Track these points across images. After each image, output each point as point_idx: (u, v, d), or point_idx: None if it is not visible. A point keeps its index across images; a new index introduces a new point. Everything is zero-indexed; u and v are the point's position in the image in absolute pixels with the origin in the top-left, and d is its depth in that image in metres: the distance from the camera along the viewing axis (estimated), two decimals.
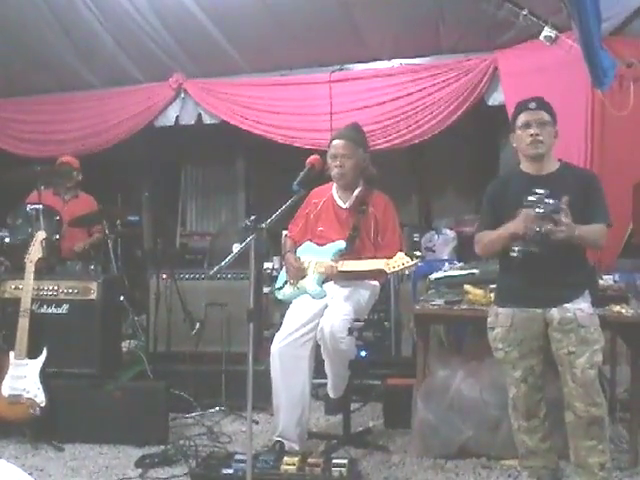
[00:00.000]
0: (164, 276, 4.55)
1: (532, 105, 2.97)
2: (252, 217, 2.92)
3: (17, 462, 3.53)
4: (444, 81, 5.14)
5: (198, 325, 4.43)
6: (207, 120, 5.92)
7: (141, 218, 6.46)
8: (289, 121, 5.61)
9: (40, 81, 6.11)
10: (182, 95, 5.90)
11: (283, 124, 5.62)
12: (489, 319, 3.07)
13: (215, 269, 2.82)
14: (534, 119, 2.94)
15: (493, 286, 3.32)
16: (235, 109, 5.71)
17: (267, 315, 5.04)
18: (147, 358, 4.38)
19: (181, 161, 7.66)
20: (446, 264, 4.39)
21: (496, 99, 5.04)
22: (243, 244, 2.89)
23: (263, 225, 2.93)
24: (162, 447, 3.65)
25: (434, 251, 5.65)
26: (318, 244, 3.69)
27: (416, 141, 5.34)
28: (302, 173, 3.26)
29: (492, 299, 3.25)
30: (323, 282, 3.60)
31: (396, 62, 5.37)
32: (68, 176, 4.97)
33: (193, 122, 5.96)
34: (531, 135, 2.92)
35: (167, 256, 5.97)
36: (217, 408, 4.31)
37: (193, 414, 4.23)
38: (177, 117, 5.96)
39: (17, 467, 1.04)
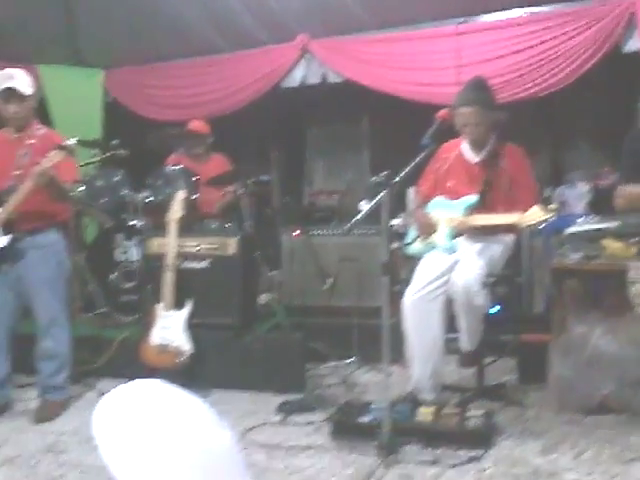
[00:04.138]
0: (296, 233, 4.68)
1: None
2: (384, 173, 2.95)
3: None
4: (575, 29, 4.91)
5: (330, 280, 4.55)
6: (332, 79, 5.96)
7: (271, 177, 6.64)
8: (415, 76, 5.56)
9: (173, 47, 6.36)
10: (307, 55, 5.97)
11: (409, 79, 5.57)
12: (631, 273, 2.97)
13: (350, 224, 2.90)
14: None
15: (635, 239, 3.21)
16: (360, 67, 5.71)
17: (395, 271, 5.09)
18: (282, 312, 4.55)
19: (306, 121, 7.76)
20: (581, 218, 4.25)
21: (632, 47, 4.76)
22: (376, 199, 2.94)
23: (395, 180, 2.96)
24: (300, 395, 3.82)
25: (567, 205, 5.48)
26: (449, 199, 3.68)
27: (545, 93, 5.16)
28: (432, 127, 3.25)
29: (634, 253, 3.14)
30: (454, 237, 3.59)
31: (524, 11, 5.18)
32: (198, 141, 5.16)
33: (318, 82, 6.02)
34: None
35: (298, 214, 6.15)
36: (350, 360, 4.43)
37: (327, 365, 4.38)
38: (302, 77, 6.04)
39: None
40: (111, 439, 0.97)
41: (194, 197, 4.64)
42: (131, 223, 4.82)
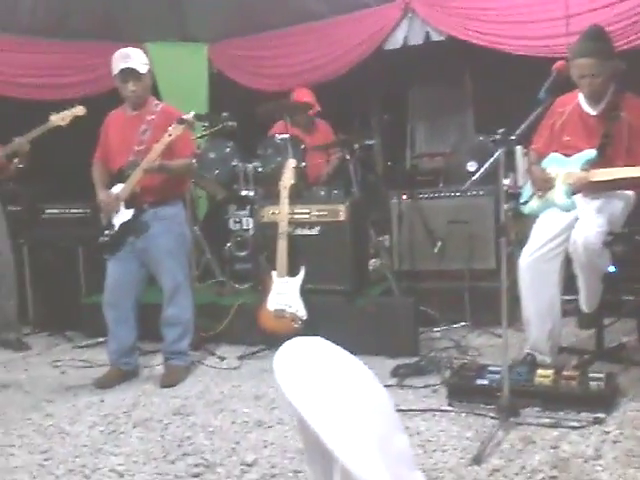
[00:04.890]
0: (404, 197, 4.65)
1: None
2: (500, 130, 2.88)
3: None
4: None
5: (440, 243, 4.52)
6: (435, 38, 5.83)
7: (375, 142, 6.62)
8: (522, 30, 5.35)
9: (274, 17, 6.40)
10: (409, 15, 5.86)
11: (516, 33, 5.38)
12: None
13: (467, 184, 2.84)
14: None
15: None
16: (464, 23, 5.55)
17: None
18: (392, 276, 4.56)
19: (408, 83, 7.65)
20: None
21: None
22: (493, 157, 2.88)
23: (512, 137, 2.88)
24: (414, 359, 3.83)
25: None
26: (565, 155, 3.55)
27: None
28: (548, 80, 3.13)
29: None
30: (572, 194, 3.47)
31: None
32: (304, 109, 5.19)
33: (421, 42, 5.91)
34: None
35: (400, 177, 6.11)
36: (462, 323, 4.41)
37: (439, 328, 4.37)
38: (404, 38, 5.94)
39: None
40: (295, 382, 1.04)
41: (303, 165, 4.69)
42: (243, 193, 4.92)
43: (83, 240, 4.85)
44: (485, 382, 3.23)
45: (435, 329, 4.38)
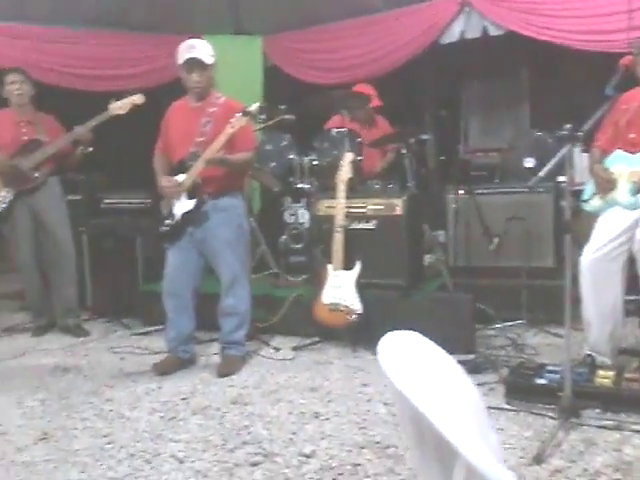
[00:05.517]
0: (461, 192, 4.62)
1: None
2: (567, 125, 2.83)
3: (339, 362, 3.93)
4: None
5: (497, 240, 4.47)
6: (493, 32, 5.76)
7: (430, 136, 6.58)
8: (584, 24, 5.24)
9: (329, 10, 6.40)
10: (466, 9, 5.80)
11: (577, 28, 5.27)
12: None
13: (534, 181, 2.80)
14: None
15: None
16: (525, 17, 5.46)
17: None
18: (446, 272, 4.53)
19: (462, 77, 7.58)
20: None
21: None
22: (559, 154, 2.83)
23: (580, 133, 2.84)
24: (470, 356, 3.80)
25: None
26: (630, 152, 3.47)
27: None
28: (615, 76, 3.07)
29: None
30: (636, 193, 3.40)
31: None
32: (363, 103, 5.18)
33: (478, 36, 5.84)
34: None
35: (457, 172, 6.05)
36: (518, 321, 4.35)
37: (495, 326, 4.33)
38: (461, 32, 5.87)
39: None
40: (409, 376, 1.05)
41: (359, 159, 4.68)
42: (298, 186, 4.94)
43: (141, 230, 4.94)
44: (544, 381, 3.19)
45: (490, 327, 4.34)
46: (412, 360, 1.10)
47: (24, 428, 3.17)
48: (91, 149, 4.58)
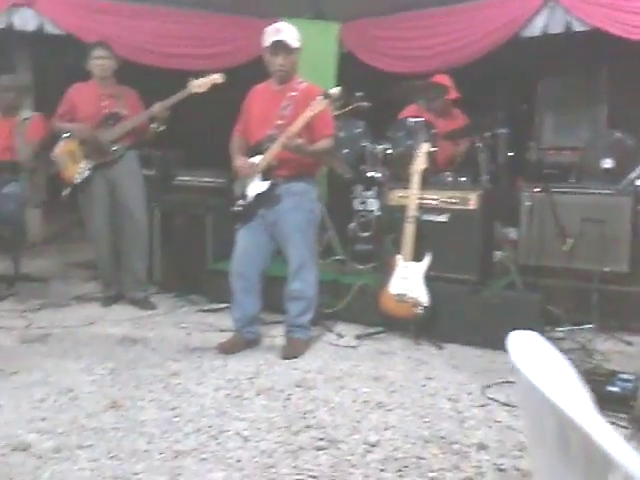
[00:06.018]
0: (537, 189, 4.51)
1: None
2: None
3: (403, 354, 3.90)
4: None
5: (571, 241, 4.36)
6: (577, 28, 5.61)
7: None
8: None
9: None
10: (550, 3, 5.65)
11: None
12: None
13: (625, 183, 2.71)
14: None
15: None
16: (612, 15, 5.30)
17: None
18: (515, 270, 4.44)
19: (538, 73, 7.40)
20: None
21: None
22: None
23: None
24: None
25: None
26: None
27: None
28: None
29: None
30: None
31: None
32: (441, 94, 5.11)
33: (561, 31, 5.70)
34: None
35: (529, 169, 5.93)
36: (587, 325, 4.24)
37: (562, 329, 4.23)
38: (544, 27, 5.73)
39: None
40: (550, 379, 1.03)
41: (434, 150, 4.62)
42: (369, 174, 4.91)
43: (213, 208, 4.98)
44: (616, 389, 3.10)
45: (558, 329, 4.24)
46: (547, 363, 1.07)
47: (94, 395, 3.25)
48: (164, 127, 4.63)
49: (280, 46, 3.67)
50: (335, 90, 3.64)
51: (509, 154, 6.82)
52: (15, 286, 5.03)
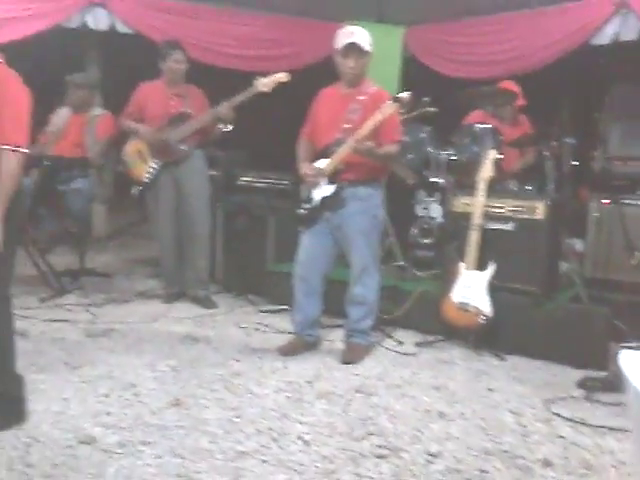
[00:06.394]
0: (606, 200, 4.41)
1: None
2: None
3: (463, 363, 3.85)
4: None
5: (639, 254, 4.24)
6: None
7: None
8: None
9: (477, 3, 6.25)
10: (622, 10, 5.51)
11: None
12: None
13: None
14: None
15: None
16: None
17: None
18: (580, 282, 4.34)
19: (608, 80, 7.23)
20: None
21: None
22: None
23: None
24: (602, 372, 3.64)
25: None
26: None
27: None
28: None
29: None
30: None
31: None
32: (508, 100, 5.04)
33: (634, 38, 5.55)
34: None
35: (595, 179, 5.78)
36: None
37: (627, 344, 4.12)
38: (614, 34, 5.60)
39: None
40: None
41: (500, 157, 4.55)
42: (433, 180, 4.87)
43: (275, 209, 5.01)
44: None
45: (623, 344, 4.13)
46: None
47: (157, 392, 3.29)
48: (231, 127, 4.68)
49: (353, 48, 3.66)
50: (405, 94, 3.62)
51: (573, 163, 6.70)
52: (80, 280, 5.14)
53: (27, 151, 2.74)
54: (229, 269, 5.22)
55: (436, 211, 4.82)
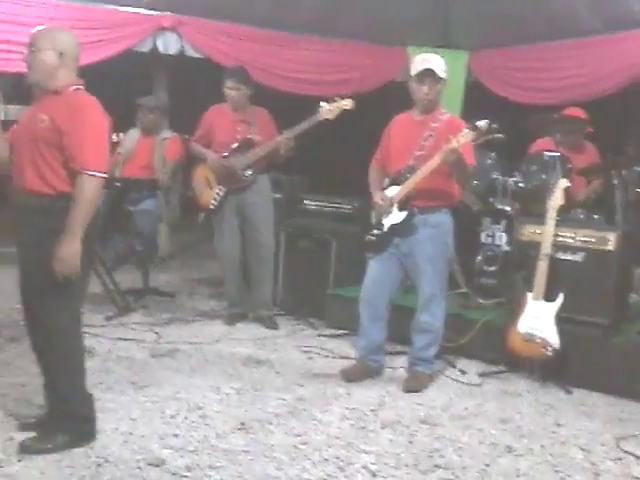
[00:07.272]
0: None
1: None
2: None
3: (529, 396, 3.78)
4: None
5: None
6: None
7: None
8: None
9: (541, 29, 6.21)
10: None
11: None
12: None
13: None
14: None
15: None
16: None
17: None
18: None
19: None
20: None
21: None
22: None
23: None
24: None
25: None
26: None
27: None
28: None
29: None
30: None
31: None
32: (577, 128, 4.95)
33: None
34: None
35: None
36: None
37: None
38: None
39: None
40: None
41: (569, 186, 4.48)
42: (499, 207, 4.81)
43: (338, 234, 5.01)
44: None
45: None
46: None
47: (222, 415, 3.31)
48: (292, 154, 4.67)
49: (428, 74, 3.65)
50: (483, 123, 3.58)
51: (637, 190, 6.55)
52: (144, 299, 5.23)
53: (106, 176, 2.81)
54: (290, 292, 5.23)
55: (501, 239, 4.75)
